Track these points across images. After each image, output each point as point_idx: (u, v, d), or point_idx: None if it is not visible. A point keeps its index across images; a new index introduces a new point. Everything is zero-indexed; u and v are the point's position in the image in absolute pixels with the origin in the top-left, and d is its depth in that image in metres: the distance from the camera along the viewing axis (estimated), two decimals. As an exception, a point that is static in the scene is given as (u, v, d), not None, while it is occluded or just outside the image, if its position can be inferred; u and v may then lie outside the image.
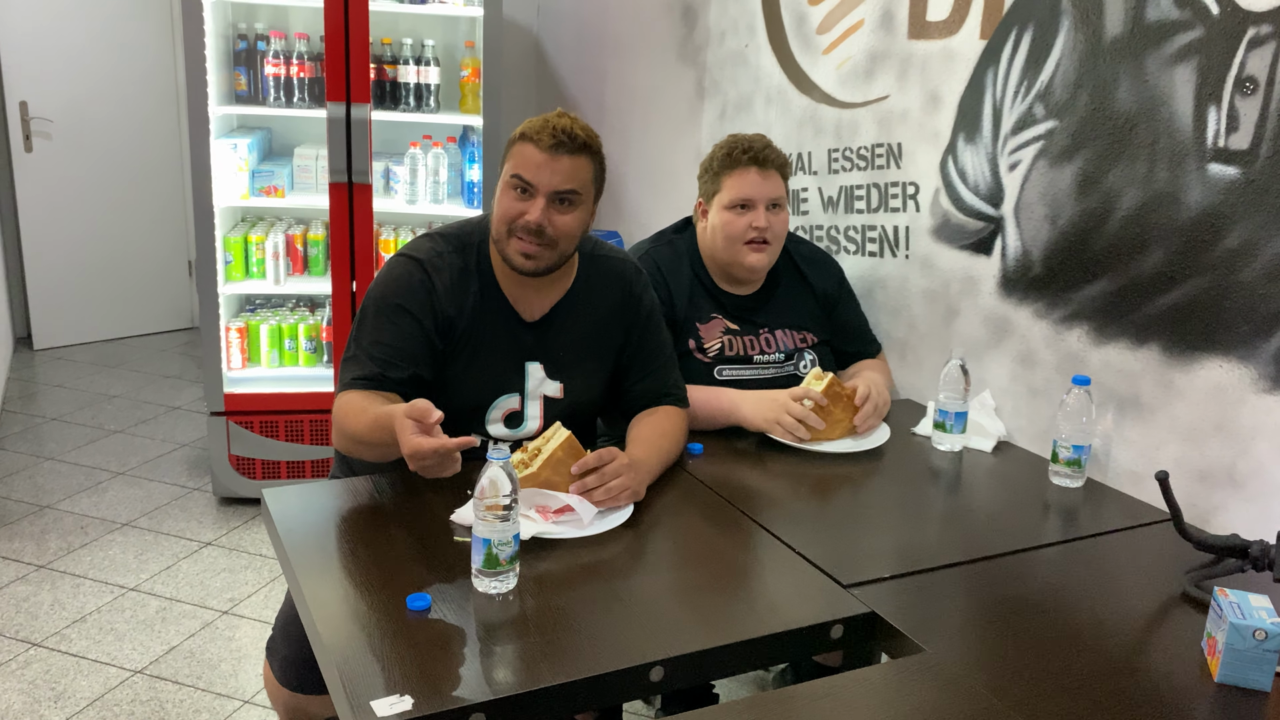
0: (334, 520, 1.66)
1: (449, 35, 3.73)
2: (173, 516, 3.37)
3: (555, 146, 1.75)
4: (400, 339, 1.78)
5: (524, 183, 1.77)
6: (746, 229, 2.16)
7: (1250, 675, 1.28)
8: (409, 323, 1.79)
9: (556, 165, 1.76)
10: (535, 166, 1.76)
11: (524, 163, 1.77)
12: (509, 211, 1.78)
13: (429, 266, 1.83)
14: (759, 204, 2.16)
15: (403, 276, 1.83)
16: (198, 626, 2.77)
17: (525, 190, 1.77)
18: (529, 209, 1.76)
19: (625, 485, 1.66)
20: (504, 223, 1.79)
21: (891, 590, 1.51)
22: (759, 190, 2.16)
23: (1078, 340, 2.02)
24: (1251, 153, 1.69)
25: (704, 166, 2.25)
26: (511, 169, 1.79)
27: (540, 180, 1.76)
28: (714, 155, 2.23)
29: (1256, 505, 1.72)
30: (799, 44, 2.75)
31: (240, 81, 3.46)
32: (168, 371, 4.72)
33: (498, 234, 1.81)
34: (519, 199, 1.78)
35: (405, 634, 1.32)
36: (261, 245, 3.47)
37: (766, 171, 2.17)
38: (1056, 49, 2.02)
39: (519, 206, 1.77)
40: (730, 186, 2.17)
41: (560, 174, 1.76)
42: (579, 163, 1.78)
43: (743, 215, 2.16)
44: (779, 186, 2.20)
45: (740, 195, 2.16)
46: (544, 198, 1.76)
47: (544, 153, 1.75)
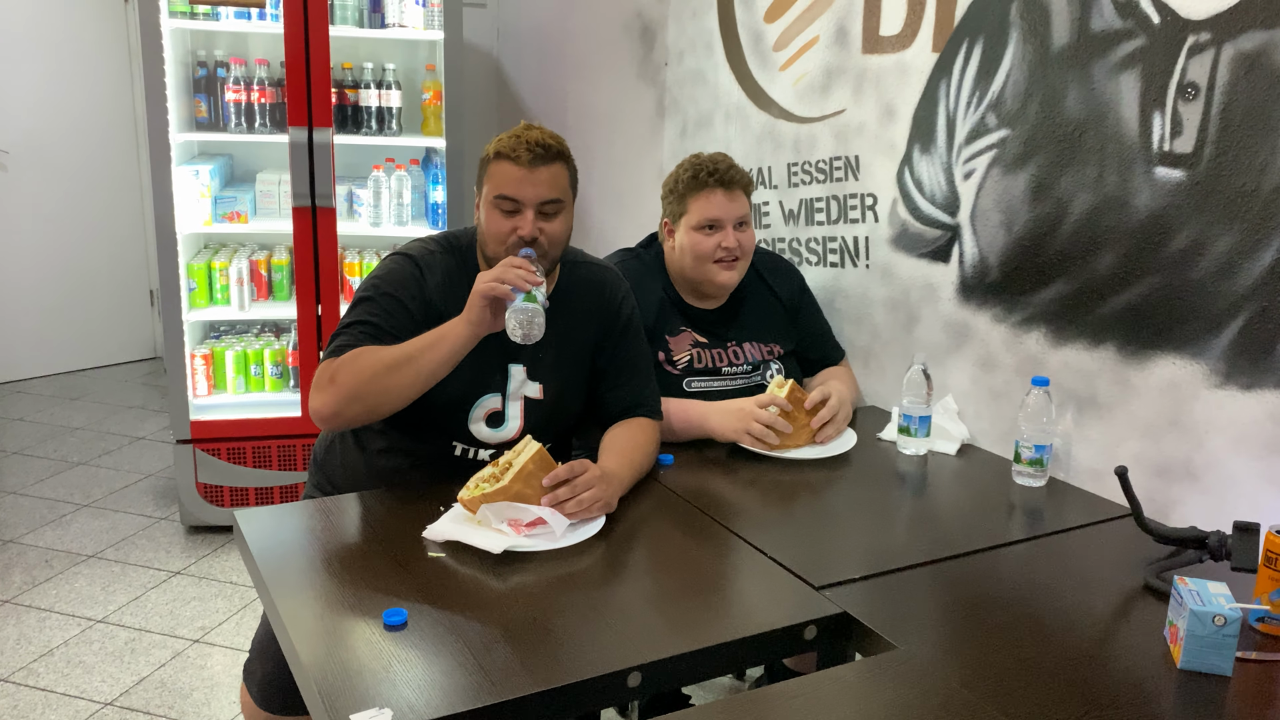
0: (307, 540, 1.66)
1: (410, 59, 3.75)
2: (140, 547, 3.33)
3: (533, 160, 1.79)
4: (389, 321, 1.81)
5: (509, 200, 1.80)
6: (715, 249, 2.19)
7: (1211, 660, 1.32)
8: (398, 309, 1.82)
9: (537, 177, 1.80)
10: (517, 182, 1.80)
11: (505, 180, 1.81)
12: (501, 230, 1.82)
13: (421, 262, 1.87)
14: (727, 224, 2.20)
15: (394, 269, 1.87)
16: (168, 656, 2.74)
17: (512, 207, 1.81)
18: (520, 224, 1.80)
19: (597, 497, 1.68)
20: (498, 243, 1.82)
21: (862, 591, 1.53)
22: (726, 211, 2.20)
23: (1036, 343, 2.06)
24: (1195, 155, 1.75)
25: (668, 188, 2.28)
26: (493, 190, 1.82)
27: (525, 194, 1.80)
28: (678, 177, 2.25)
29: (1213, 497, 1.77)
30: (756, 61, 2.80)
31: (201, 108, 3.45)
32: (131, 402, 4.67)
33: (494, 253, 1.83)
34: (507, 217, 1.81)
35: (383, 649, 1.32)
36: (225, 271, 3.45)
37: (732, 192, 2.21)
38: (1006, 60, 2.07)
39: (510, 223, 1.81)
40: (697, 208, 2.21)
41: (543, 185, 1.81)
42: (556, 170, 1.83)
43: (711, 235, 2.20)
44: (744, 205, 2.24)
45: (708, 217, 2.20)
46: (531, 210, 1.80)
47: (523, 168, 1.79)
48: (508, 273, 1.69)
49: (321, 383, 1.75)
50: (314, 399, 1.75)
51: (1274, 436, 1.67)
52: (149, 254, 5.05)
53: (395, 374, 1.71)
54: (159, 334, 4.94)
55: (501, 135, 1.84)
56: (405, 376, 1.72)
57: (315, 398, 1.75)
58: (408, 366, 1.71)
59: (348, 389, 1.72)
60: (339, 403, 1.73)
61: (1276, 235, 1.64)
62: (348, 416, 1.75)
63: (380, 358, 1.73)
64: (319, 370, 1.77)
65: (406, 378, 1.72)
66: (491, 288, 1.69)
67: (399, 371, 1.71)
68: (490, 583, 1.51)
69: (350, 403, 1.73)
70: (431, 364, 1.72)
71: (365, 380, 1.72)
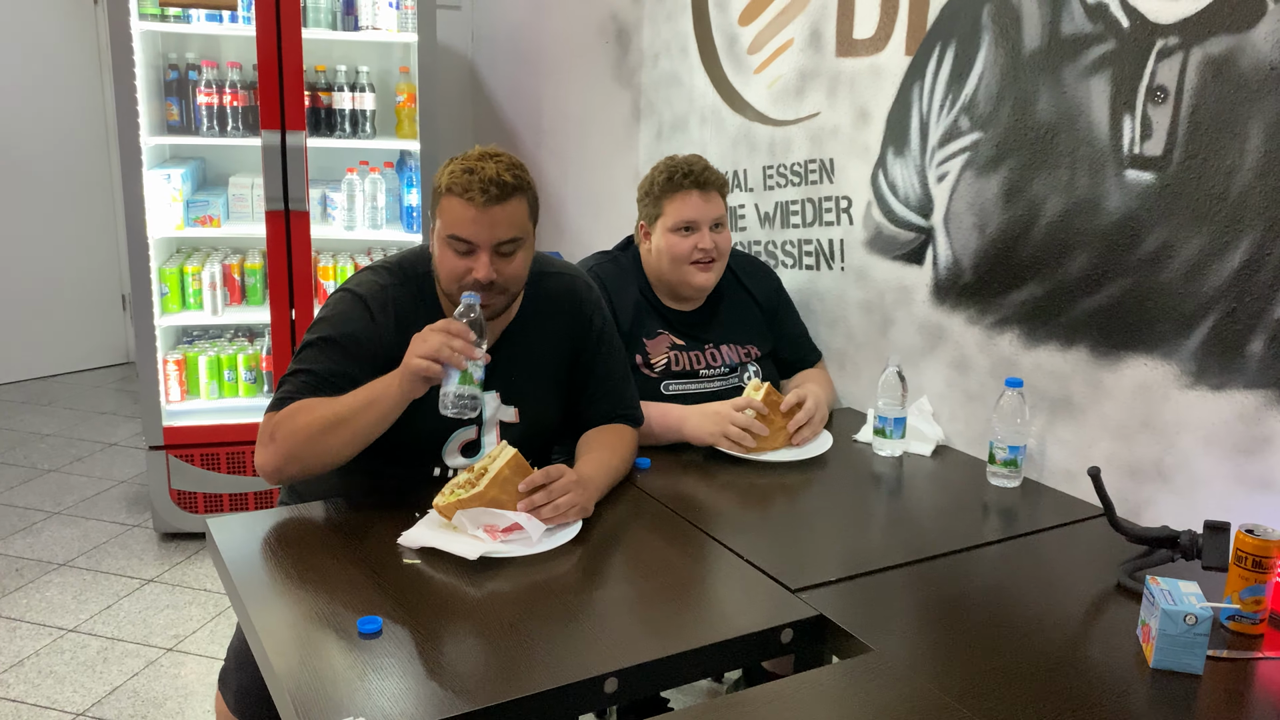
0: (281, 548, 1.64)
1: (383, 61, 3.73)
2: (112, 555, 3.30)
3: (487, 201, 1.70)
4: (332, 369, 1.75)
5: (463, 241, 1.72)
6: (692, 250, 2.20)
7: (1183, 659, 1.33)
8: (342, 355, 1.76)
9: (493, 217, 1.71)
10: (470, 223, 1.71)
11: (457, 221, 1.72)
12: (455, 270, 1.74)
13: (372, 302, 1.79)
14: (703, 225, 2.20)
15: (343, 311, 1.79)
16: (141, 665, 2.71)
17: (466, 248, 1.73)
18: (475, 266, 1.72)
19: (573, 502, 1.67)
20: (452, 281, 1.75)
21: (839, 593, 1.54)
22: (702, 212, 2.20)
23: (1009, 344, 2.08)
24: (1165, 158, 1.76)
25: (643, 190, 2.28)
26: (446, 228, 1.73)
27: (479, 237, 1.71)
28: (653, 179, 2.25)
29: (1184, 497, 1.79)
30: (731, 64, 2.80)
31: (172, 111, 3.42)
32: (103, 408, 4.63)
33: (447, 289, 1.77)
34: (461, 257, 1.73)
35: (358, 657, 1.32)
36: (198, 276, 3.42)
37: (708, 193, 2.22)
38: (978, 63, 2.08)
39: (463, 264, 1.73)
40: (673, 210, 2.21)
41: (499, 225, 1.72)
42: (513, 208, 1.74)
43: (688, 237, 2.20)
44: (720, 206, 2.24)
45: (684, 218, 2.20)
46: (487, 252, 1.72)
47: (478, 209, 1.70)
48: (441, 350, 1.60)
49: (264, 438, 1.71)
50: (257, 454, 1.72)
51: (1243, 436, 1.69)
52: (121, 258, 5.00)
53: (330, 435, 1.67)
54: (131, 339, 4.89)
55: (454, 163, 1.74)
56: (340, 437, 1.67)
57: (259, 453, 1.72)
58: (342, 428, 1.66)
59: (285, 449, 1.68)
60: (278, 460, 1.70)
61: (1244, 237, 1.66)
62: (288, 474, 1.72)
63: (316, 417, 1.67)
64: (262, 423, 1.73)
65: (342, 438, 1.67)
66: (425, 367, 1.61)
67: (333, 433, 1.66)
68: (466, 589, 1.50)
69: (289, 462, 1.69)
70: (366, 425, 1.67)
71: (301, 441, 1.67)
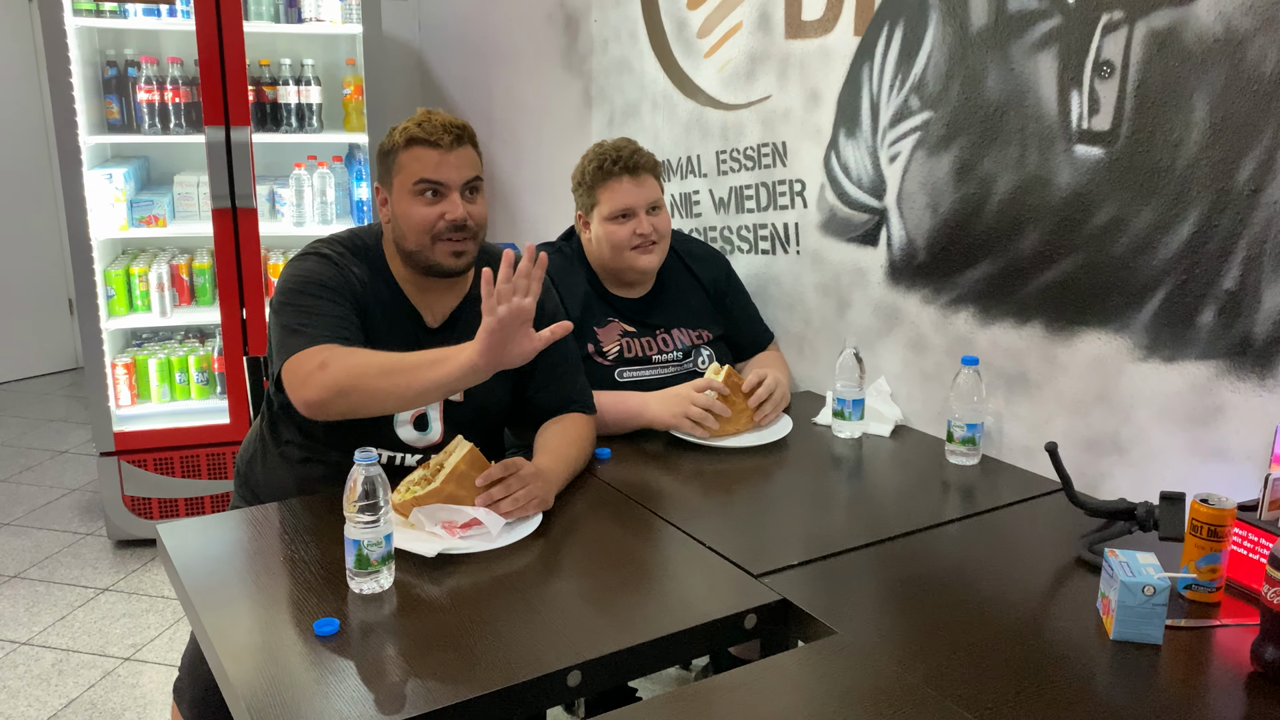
0: (235, 552, 1.61)
1: (329, 54, 3.66)
2: (65, 565, 3.23)
3: (452, 142, 1.77)
4: (336, 309, 1.74)
5: (434, 184, 1.77)
6: (631, 235, 2.18)
7: (1143, 629, 1.34)
8: (338, 297, 1.76)
9: (458, 158, 1.78)
10: (438, 165, 1.77)
11: (425, 166, 1.77)
12: (426, 218, 1.77)
13: (335, 260, 1.81)
14: (639, 210, 2.18)
15: (314, 266, 1.79)
16: (98, 676, 2.66)
17: (436, 192, 1.77)
18: (448, 208, 1.77)
19: (532, 495, 1.65)
20: (424, 232, 1.77)
21: (802, 576, 1.53)
22: (636, 198, 2.18)
23: (965, 323, 2.08)
24: (1113, 133, 1.77)
25: (576, 180, 2.26)
26: (413, 176, 1.77)
27: (450, 177, 1.77)
28: (584, 169, 2.24)
29: (1140, 469, 1.80)
30: (681, 49, 2.78)
31: (112, 109, 3.34)
32: (52, 415, 4.52)
33: (418, 245, 1.78)
34: (430, 203, 1.77)
35: (315, 661, 1.29)
36: (145, 277, 3.35)
37: (639, 177, 2.20)
38: (927, 42, 2.08)
39: (436, 209, 1.77)
40: (607, 198, 2.19)
41: (465, 165, 1.79)
42: (471, 151, 1.82)
43: (625, 224, 2.18)
44: (654, 188, 2.22)
45: (619, 206, 2.18)
46: (457, 192, 1.78)
47: (445, 150, 1.76)
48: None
49: (309, 369, 1.65)
50: (302, 388, 1.65)
51: (1196, 407, 1.71)
52: (66, 262, 4.89)
53: (388, 379, 1.62)
54: (79, 344, 4.79)
55: (403, 124, 1.80)
56: (398, 385, 1.62)
57: (304, 386, 1.65)
58: (401, 376, 1.62)
59: (338, 382, 1.63)
60: (325, 393, 1.64)
61: (1192, 209, 1.67)
62: (334, 409, 1.67)
63: (376, 359, 1.65)
64: (298, 357, 1.67)
65: (398, 386, 1.62)
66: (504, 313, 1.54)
67: (392, 378, 1.62)
68: (425, 587, 1.47)
69: (338, 395, 1.64)
70: (426, 382, 1.61)
71: (357, 376, 1.63)
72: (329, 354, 1.66)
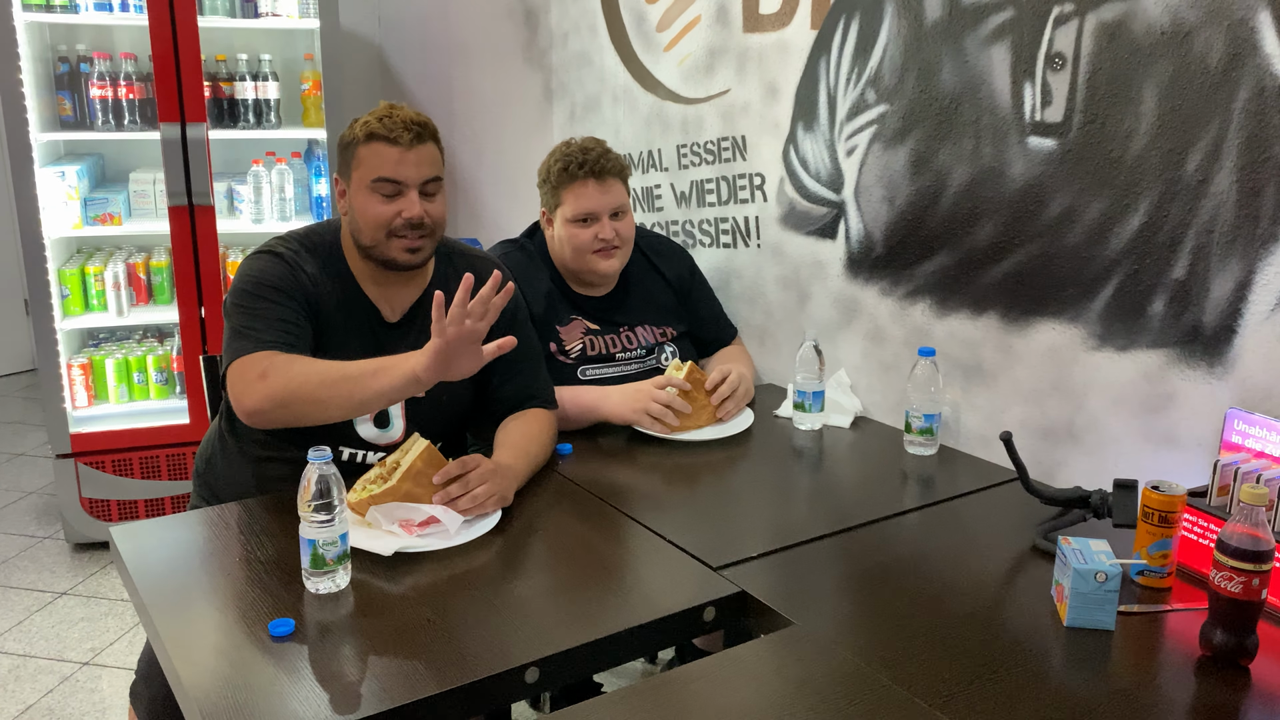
0: (190, 554, 1.59)
1: (286, 49, 3.62)
2: (21, 569, 3.18)
3: (412, 140, 1.75)
4: (284, 314, 1.73)
5: (390, 183, 1.75)
6: (593, 240, 2.16)
7: (1096, 616, 1.36)
8: (288, 301, 1.74)
9: (418, 156, 1.76)
10: (397, 163, 1.75)
11: (384, 163, 1.75)
12: (382, 215, 1.76)
13: (289, 260, 1.79)
14: (602, 215, 2.16)
15: (267, 267, 1.78)
16: (55, 682, 2.62)
17: (394, 190, 1.76)
18: (404, 206, 1.76)
19: (491, 491, 1.64)
20: (380, 229, 1.76)
21: (761, 568, 1.54)
22: (600, 203, 2.16)
23: (922, 314, 2.10)
24: (1065, 124, 1.79)
25: (541, 177, 2.24)
26: (371, 172, 1.76)
27: (408, 175, 1.76)
28: (550, 167, 2.21)
29: (1094, 457, 1.82)
30: (640, 42, 2.78)
31: (65, 106, 3.28)
32: (8, 417, 4.45)
33: (373, 240, 1.78)
34: (388, 200, 1.76)
35: (270, 662, 1.28)
36: (100, 276, 3.30)
37: (605, 181, 2.17)
38: (882, 35, 2.09)
39: (393, 207, 1.76)
40: (571, 201, 2.17)
41: (424, 163, 1.77)
42: (431, 148, 1.80)
43: (588, 227, 2.16)
44: (620, 193, 2.20)
45: (582, 209, 2.16)
46: (415, 190, 1.76)
47: (404, 148, 1.75)
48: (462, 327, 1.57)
49: (250, 377, 1.66)
50: (243, 394, 1.66)
51: (1149, 395, 1.73)
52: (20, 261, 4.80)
53: (329, 389, 1.63)
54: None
55: (365, 117, 1.78)
56: (338, 395, 1.63)
57: (245, 393, 1.66)
58: (343, 386, 1.63)
59: (279, 391, 1.64)
60: (266, 402, 1.64)
61: (1143, 199, 1.69)
62: (274, 418, 1.67)
63: (318, 369, 1.65)
64: (242, 363, 1.67)
65: (339, 396, 1.63)
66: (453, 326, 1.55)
67: (333, 388, 1.63)
68: (382, 586, 1.46)
69: (278, 406, 1.65)
70: (369, 392, 1.62)
71: (297, 387, 1.64)
72: (270, 362, 1.66)
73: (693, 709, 1.20)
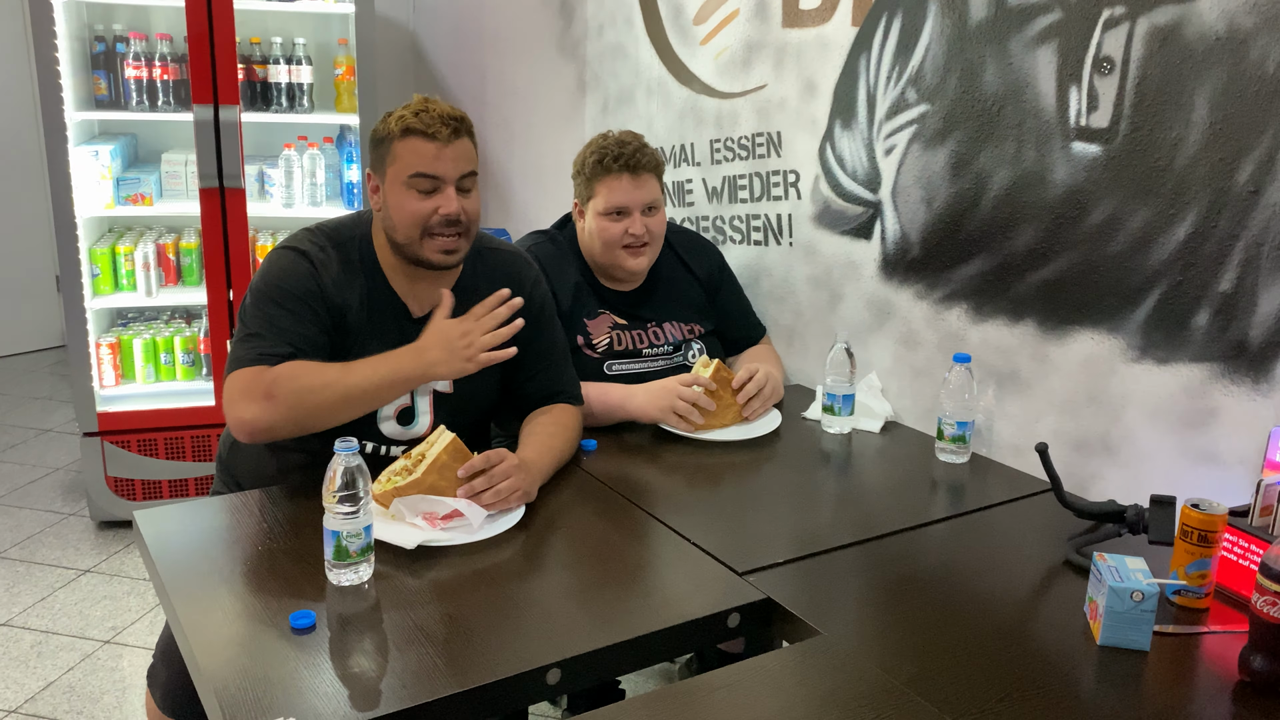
0: (213, 540, 1.59)
1: (321, 33, 3.62)
2: (47, 545, 3.20)
3: (450, 135, 1.72)
4: (297, 325, 1.72)
5: (428, 178, 1.72)
6: (623, 235, 2.14)
7: (1130, 636, 1.32)
8: (304, 310, 1.73)
9: (455, 152, 1.73)
10: (434, 159, 1.72)
11: (420, 159, 1.72)
12: (419, 212, 1.73)
13: (314, 259, 1.76)
14: (634, 210, 2.14)
15: (290, 268, 1.75)
16: (77, 659, 2.63)
17: (431, 186, 1.73)
18: (442, 202, 1.73)
19: (515, 486, 1.63)
20: (415, 225, 1.73)
21: (787, 575, 1.51)
22: (633, 197, 2.14)
23: (957, 319, 2.06)
24: (1111, 130, 1.75)
25: (576, 168, 2.22)
26: (408, 168, 1.72)
27: (445, 171, 1.73)
28: (585, 159, 2.18)
29: (1130, 471, 1.79)
30: (677, 36, 2.75)
31: (100, 85, 3.29)
32: (37, 393, 4.49)
33: (408, 238, 1.75)
34: (424, 196, 1.73)
35: (289, 654, 1.27)
36: (130, 256, 3.31)
37: (639, 176, 2.14)
38: (925, 34, 2.05)
39: (429, 204, 1.73)
40: (603, 194, 2.14)
41: (461, 159, 1.75)
42: (468, 143, 1.77)
43: (619, 222, 2.14)
44: (654, 189, 2.18)
45: (615, 203, 2.13)
46: (452, 186, 1.74)
47: (442, 143, 1.72)
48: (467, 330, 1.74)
49: (255, 394, 1.65)
50: (246, 410, 1.65)
51: (1189, 410, 1.69)
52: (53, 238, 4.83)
53: (338, 403, 1.66)
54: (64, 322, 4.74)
55: (399, 111, 1.75)
56: (352, 410, 1.68)
57: (248, 409, 1.65)
58: (358, 402, 1.69)
59: (284, 410, 1.64)
60: (272, 420, 1.65)
61: (1190, 209, 1.65)
62: (279, 434, 1.69)
63: (324, 380, 1.66)
64: (247, 378, 1.67)
65: (353, 411, 1.68)
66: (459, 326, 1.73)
67: (346, 405, 1.67)
68: (404, 579, 1.45)
69: (285, 423, 1.66)
70: (377, 403, 1.73)
71: (305, 404, 1.65)
72: (274, 379, 1.65)
73: (716, 718, 1.18)
